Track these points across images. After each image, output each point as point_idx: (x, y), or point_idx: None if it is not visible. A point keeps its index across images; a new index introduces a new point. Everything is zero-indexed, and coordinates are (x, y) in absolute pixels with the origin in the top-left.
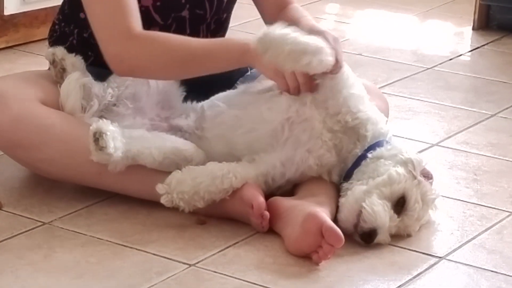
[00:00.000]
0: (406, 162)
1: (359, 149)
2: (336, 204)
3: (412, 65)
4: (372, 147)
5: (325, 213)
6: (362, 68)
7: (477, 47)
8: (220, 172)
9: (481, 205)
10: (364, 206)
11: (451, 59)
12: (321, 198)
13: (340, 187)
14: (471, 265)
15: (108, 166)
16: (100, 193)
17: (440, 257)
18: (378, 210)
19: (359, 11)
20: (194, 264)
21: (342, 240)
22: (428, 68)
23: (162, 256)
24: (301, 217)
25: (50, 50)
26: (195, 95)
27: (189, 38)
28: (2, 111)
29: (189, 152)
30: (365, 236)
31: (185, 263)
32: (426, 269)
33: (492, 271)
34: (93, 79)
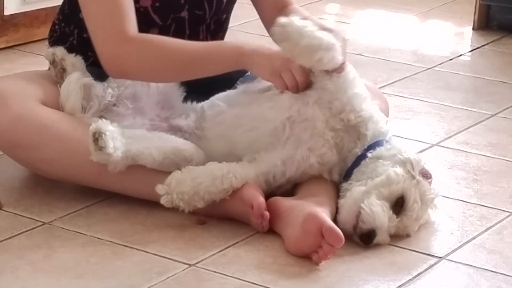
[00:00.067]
0: (405, 162)
1: (359, 148)
2: (336, 204)
3: (412, 65)
4: (372, 147)
5: (325, 213)
6: (362, 68)
7: (477, 47)
8: (220, 172)
9: (481, 205)
10: (362, 207)
11: (451, 59)
12: (321, 198)
13: (339, 186)
14: (471, 265)
15: (108, 166)
16: (100, 193)
17: (440, 257)
18: (376, 211)
19: (359, 11)
20: (194, 264)
21: (342, 240)
22: (428, 68)
23: (162, 256)
24: (301, 217)
25: (50, 50)
26: (195, 96)
27: (184, 42)
28: (2, 111)
29: (189, 152)
30: (364, 237)
31: (185, 263)
32: (426, 269)
33: (492, 271)
34: (93, 79)
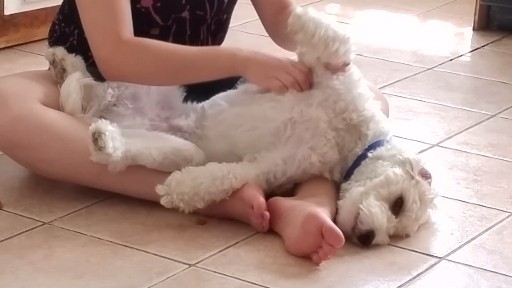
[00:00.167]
0: (404, 162)
1: (359, 148)
2: (337, 205)
3: (412, 66)
4: (372, 146)
5: (325, 214)
6: (362, 68)
7: (478, 48)
8: (220, 172)
9: (481, 205)
10: (361, 208)
11: (451, 60)
12: (321, 198)
13: (340, 186)
14: (471, 266)
15: (108, 166)
16: (100, 193)
17: (440, 257)
18: (375, 212)
19: (359, 12)
20: (194, 264)
21: (342, 241)
22: (428, 69)
23: (162, 256)
24: (301, 218)
25: (50, 50)
26: (195, 96)
27: (180, 46)
28: (2, 111)
29: (189, 152)
30: (363, 238)
31: (185, 263)
32: (426, 270)
33: (492, 271)
34: (93, 79)
